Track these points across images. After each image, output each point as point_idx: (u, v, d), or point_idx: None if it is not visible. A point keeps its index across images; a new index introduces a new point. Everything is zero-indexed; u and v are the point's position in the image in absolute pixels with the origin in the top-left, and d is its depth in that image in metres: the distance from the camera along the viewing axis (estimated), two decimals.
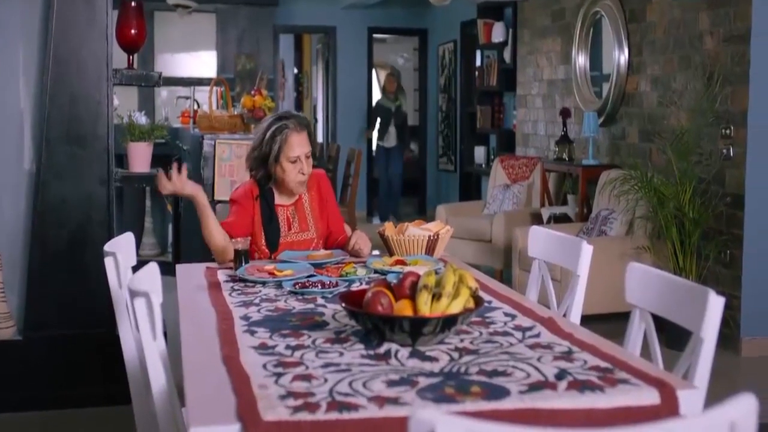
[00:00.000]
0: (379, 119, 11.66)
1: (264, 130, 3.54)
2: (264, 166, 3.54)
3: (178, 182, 3.36)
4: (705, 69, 5.67)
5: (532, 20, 8.49)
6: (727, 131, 5.46)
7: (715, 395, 1.76)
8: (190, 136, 6.76)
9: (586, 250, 3.02)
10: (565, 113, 7.41)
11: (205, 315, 2.58)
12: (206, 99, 7.14)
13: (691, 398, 1.90)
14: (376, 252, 3.64)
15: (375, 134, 12.13)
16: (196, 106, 7.97)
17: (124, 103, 8.71)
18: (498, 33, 9.38)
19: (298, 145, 3.50)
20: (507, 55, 9.30)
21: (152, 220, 7.99)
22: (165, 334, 2.36)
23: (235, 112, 6.69)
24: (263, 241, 3.54)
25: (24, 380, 4.24)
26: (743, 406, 1.35)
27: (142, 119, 4.90)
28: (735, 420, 1.35)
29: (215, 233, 3.39)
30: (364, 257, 3.51)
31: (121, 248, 2.89)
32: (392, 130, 11.50)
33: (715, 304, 2.16)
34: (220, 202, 5.69)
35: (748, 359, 5.31)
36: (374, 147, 12.17)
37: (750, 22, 5.25)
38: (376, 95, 12.39)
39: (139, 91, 10.45)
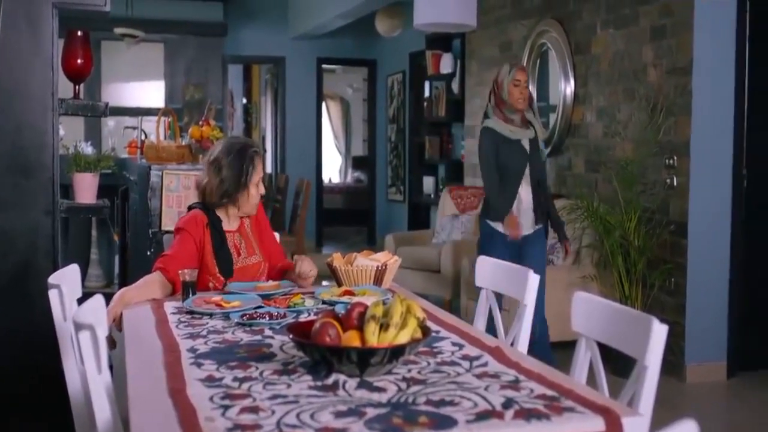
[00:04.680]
0: (496, 169, 5.18)
1: (232, 160, 3.55)
2: (231, 195, 3.57)
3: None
4: (649, 100, 5.78)
5: (479, 51, 8.58)
6: (671, 161, 5.55)
7: (661, 421, 1.78)
8: (137, 166, 6.71)
9: (533, 279, 3.04)
10: None
11: (152, 347, 2.55)
12: (154, 129, 7.10)
13: (635, 425, 1.92)
14: (325, 283, 3.64)
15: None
16: (143, 137, 7.92)
17: (70, 133, 8.61)
18: (446, 64, 9.47)
19: (261, 168, 3.62)
20: (455, 85, 9.38)
21: (98, 251, 7.90)
22: (111, 367, 2.33)
23: (183, 143, 6.65)
24: (216, 269, 3.53)
25: None
26: None
27: (88, 149, 4.83)
28: None
29: (150, 295, 3.31)
30: (311, 278, 3.52)
31: (66, 280, 2.86)
32: (526, 195, 5.19)
33: (659, 331, 2.20)
34: (167, 232, 5.65)
35: (693, 385, 5.37)
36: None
37: (691, 55, 5.37)
38: (326, 126, 12.12)
39: (86, 121, 10.37)
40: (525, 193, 5.15)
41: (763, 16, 5.52)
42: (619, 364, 4.71)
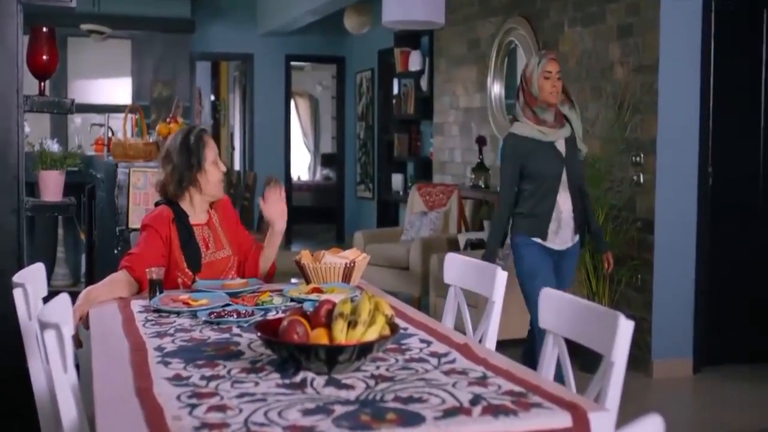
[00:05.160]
0: (527, 177, 4.52)
1: (179, 145, 3.58)
2: (188, 178, 3.56)
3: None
4: (616, 98, 5.82)
5: (448, 49, 8.59)
6: (637, 159, 5.60)
7: (628, 417, 1.79)
8: (104, 164, 6.66)
9: (501, 276, 3.05)
10: (481, 141, 7.51)
11: (118, 346, 2.53)
12: (121, 126, 7.04)
13: (602, 420, 1.93)
14: (293, 280, 3.63)
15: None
16: (110, 134, 7.85)
17: (35, 130, 8.54)
18: (415, 61, 9.48)
19: (214, 146, 3.65)
20: (424, 83, 9.40)
21: (65, 250, 7.83)
22: (77, 367, 2.31)
23: (150, 140, 6.60)
24: (185, 264, 3.52)
25: None
26: (650, 426, 1.39)
27: (54, 147, 4.79)
28: None
29: (116, 293, 3.29)
30: (283, 212, 3.71)
31: (31, 279, 2.83)
32: (565, 203, 4.49)
33: (625, 327, 2.21)
34: (134, 230, 5.61)
35: (659, 381, 5.42)
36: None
37: (657, 53, 5.41)
38: (295, 123, 12.09)
39: (52, 118, 10.26)
40: (564, 200, 4.45)
41: (728, 15, 5.57)
42: (586, 360, 4.74)
